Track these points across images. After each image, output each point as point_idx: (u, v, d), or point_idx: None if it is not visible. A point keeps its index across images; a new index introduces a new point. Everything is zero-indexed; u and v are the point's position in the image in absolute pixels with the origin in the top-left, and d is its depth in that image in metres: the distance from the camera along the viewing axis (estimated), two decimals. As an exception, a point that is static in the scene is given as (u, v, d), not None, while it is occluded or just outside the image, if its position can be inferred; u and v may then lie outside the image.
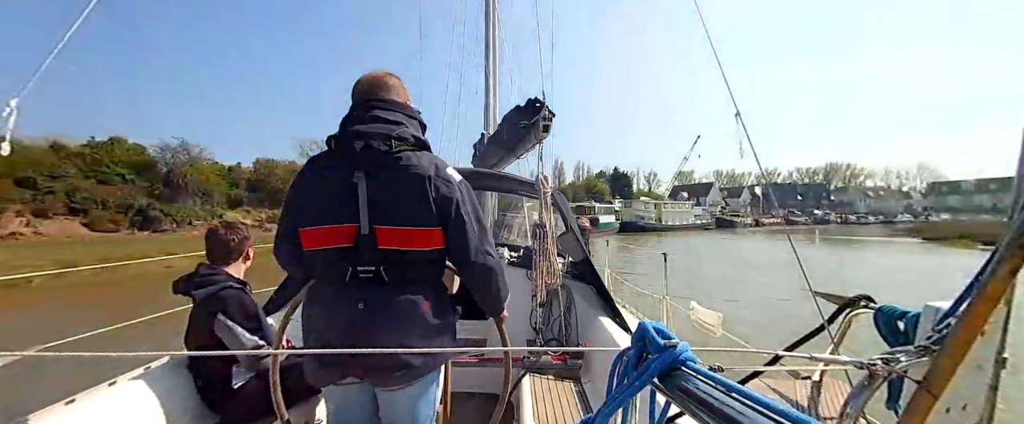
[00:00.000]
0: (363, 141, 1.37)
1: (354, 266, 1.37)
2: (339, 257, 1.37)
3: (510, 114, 3.91)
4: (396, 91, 1.51)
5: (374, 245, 1.36)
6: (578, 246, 3.47)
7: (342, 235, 1.37)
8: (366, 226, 1.35)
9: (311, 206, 1.41)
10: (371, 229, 1.36)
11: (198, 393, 2.05)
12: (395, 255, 1.37)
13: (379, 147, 1.37)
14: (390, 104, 1.47)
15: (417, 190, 1.37)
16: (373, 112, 1.43)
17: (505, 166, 5.34)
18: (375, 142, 1.37)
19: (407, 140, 1.41)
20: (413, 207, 1.37)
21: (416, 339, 1.39)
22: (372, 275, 1.37)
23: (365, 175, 1.36)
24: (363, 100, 1.46)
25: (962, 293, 0.67)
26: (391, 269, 1.37)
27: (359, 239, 1.36)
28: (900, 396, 0.84)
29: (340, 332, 1.36)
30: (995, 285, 0.59)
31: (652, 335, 0.85)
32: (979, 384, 0.66)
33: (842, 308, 2.23)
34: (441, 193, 1.39)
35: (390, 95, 1.49)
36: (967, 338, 0.61)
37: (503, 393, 1.69)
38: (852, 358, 0.72)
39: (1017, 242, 0.58)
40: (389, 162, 1.38)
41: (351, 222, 1.36)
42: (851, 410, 0.63)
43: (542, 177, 3.01)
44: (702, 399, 0.70)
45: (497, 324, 1.71)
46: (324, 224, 1.38)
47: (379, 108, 1.45)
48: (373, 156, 1.37)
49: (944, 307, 0.72)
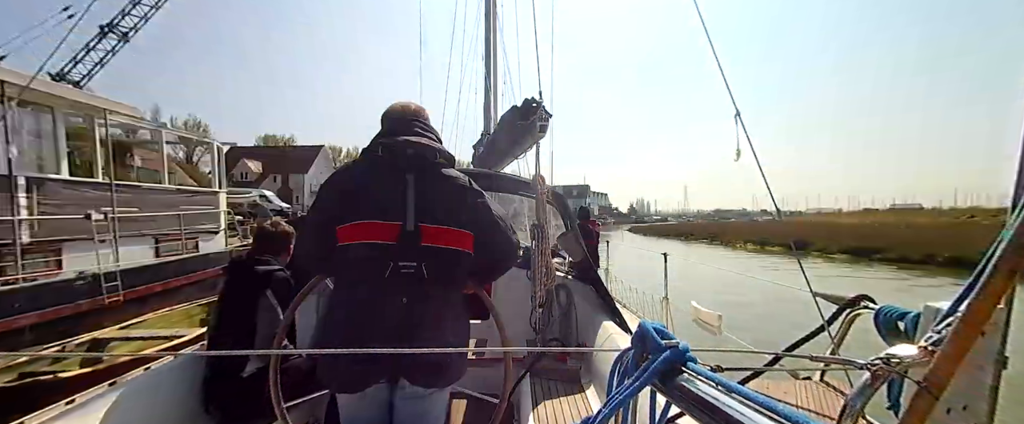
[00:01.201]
0: (413, 149, 1.50)
1: (395, 261, 1.41)
2: (382, 252, 1.42)
3: (507, 115, 3.92)
4: (428, 118, 1.67)
5: (417, 241, 1.43)
6: (578, 246, 3.47)
7: (387, 231, 1.42)
8: (412, 222, 1.43)
9: (357, 202, 1.46)
10: (416, 225, 1.43)
11: (201, 392, 2.05)
12: (435, 253, 1.44)
13: (426, 157, 1.52)
14: (428, 127, 1.62)
15: (456, 197, 1.51)
16: (416, 130, 1.57)
17: (505, 166, 5.34)
18: (424, 150, 1.52)
19: (445, 156, 1.57)
20: (453, 211, 1.49)
21: (452, 337, 1.47)
22: (413, 271, 1.42)
23: (413, 176, 1.47)
24: (404, 119, 1.60)
25: (962, 293, 0.67)
26: (430, 266, 1.43)
27: (403, 235, 1.42)
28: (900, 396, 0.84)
29: (383, 327, 1.39)
30: (995, 285, 0.59)
31: (652, 335, 0.85)
32: (979, 384, 0.66)
33: (842, 308, 2.24)
34: (475, 203, 1.54)
35: (423, 118, 1.64)
36: (967, 338, 0.60)
37: (503, 394, 1.69)
38: (852, 358, 0.72)
39: (1017, 242, 0.58)
40: (434, 170, 1.52)
41: (397, 220, 1.43)
42: (851, 410, 0.63)
43: (539, 177, 3.01)
44: (702, 399, 0.70)
45: (497, 324, 1.71)
46: (372, 218, 1.43)
47: (420, 128, 1.58)
48: (421, 163, 1.50)
49: (944, 307, 0.72)
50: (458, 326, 1.54)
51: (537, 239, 2.92)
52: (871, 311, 1.67)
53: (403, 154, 1.49)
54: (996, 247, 0.61)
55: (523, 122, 3.44)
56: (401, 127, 1.57)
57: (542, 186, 2.97)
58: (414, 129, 1.57)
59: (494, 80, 6.76)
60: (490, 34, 6.82)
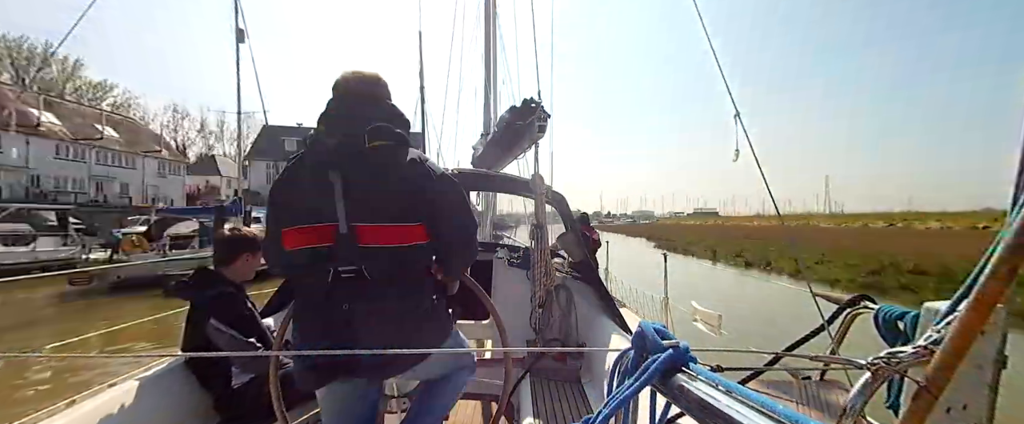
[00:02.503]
0: (336, 138, 1.35)
1: (335, 267, 1.34)
2: (321, 257, 1.34)
3: (506, 115, 3.92)
4: (374, 86, 1.47)
5: (354, 244, 1.32)
6: (577, 246, 3.47)
7: (321, 234, 1.34)
8: (344, 225, 1.32)
9: (290, 206, 1.41)
10: (350, 227, 1.32)
11: (200, 393, 2.05)
12: (377, 253, 1.33)
13: (354, 142, 1.34)
14: (366, 99, 1.43)
15: (396, 185, 1.36)
16: (348, 109, 1.40)
17: (504, 166, 5.34)
18: (348, 139, 1.35)
19: (383, 135, 1.36)
20: (392, 203, 1.35)
21: (402, 334, 1.37)
22: (354, 274, 1.33)
23: (340, 172, 1.33)
24: (339, 96, 1.43)
25: (962, 293, 0.67)
26: (374, 267, 1.34)
27: (338, 238, 1.32)
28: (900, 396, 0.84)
29: (325, 334, 1.35)
30: (995, 285, 0.59)
31: (652, 335, 0.85)
32: (979, 384, 0.66)
33: (842, 308, 2.24)
34: (421, 187, 1.37)
35: (368, 91, 1.45)
36: (967, 338, 0.60)
37: (503, 394, 1.69)
38: (852, 358, 0.72)
39: (1016, 242, 0.58)
40: (365, 158, 1.34)
41: (330, 221, 1.33)
42: (851, 410, 0.62)
43: (538, 176, 3.01)
44: (702, 400, 0.70)
45: (497, 324, 1.71)
46: (303, 224, 1.36)
47: (355, 103, 1.41)
48: (348, 152, 1.34)
49: (944, 307, 0.72)
50: (413, 319, 1.40)
51: (537, 239, 2.92)
52: (871, 311, 1.67)
53: (323, 148, 1.36)
54: (995, 247, 0.61)
55: (522, 122, 3.44)
56: (334, 109, 1.42)
57: (541, 186, 2.97)
58: (348, 105, 1.41)
59: (494, 80, 6.76)
60: (490, 34, 6.82)
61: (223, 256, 2.17)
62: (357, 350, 1.29)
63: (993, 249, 0.62)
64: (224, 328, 1.96)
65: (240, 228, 2.29)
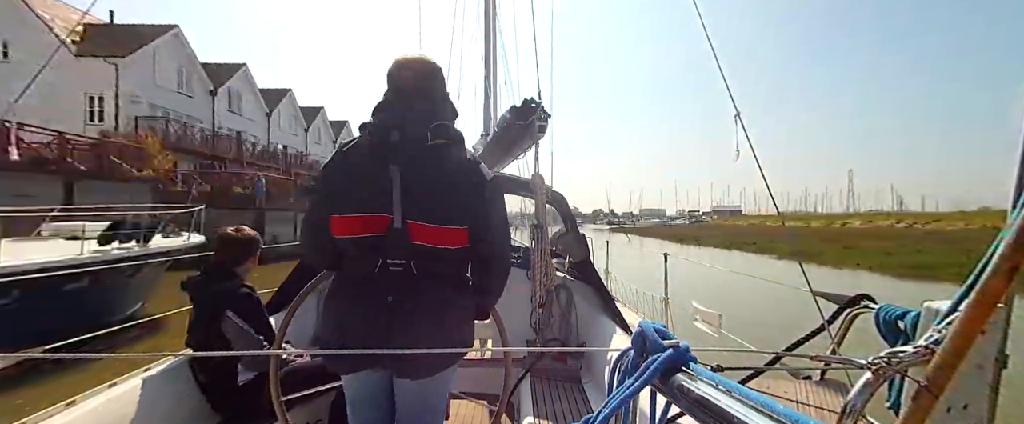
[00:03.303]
0: (399, 132, 1.35)
1: (384, 258, 1.36)
2: (371, 247, 1.36)
3: (506, 115, 3.91)
4: (433, 76, 1.46)
5: (406, 239, 1.34)
6: (578, 246, 3.46)
7: (375, 225, 1.35)
8: (399, 220, 1.34)
9: (345, 194, 1.39)
10: (404, 223, 1.34)
11: (200, 393, 2.05)
12: (425, 251, 1.36)
13: (416, 140, 1.35)
14: (427, 91, 1.43)
15: (451, 187, 1.37)
16: (409, 100, 1.40)
17: (504, 167, 5.34)
18: (412, 133, 1.35)
19: (444, 134, 1.38)
20: (446, 205, 1.37)
21: (441, 333, 1.39)
22: (402, 268, 1.36)
23: (400, 167, 1.34)
24: (398, 85, 1.42)
25: (962, 292, 0.67)
26: (421, 264, 1.36)
27: (391, 232, 1.34)
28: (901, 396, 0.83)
29: (367, 323, 1.37)
30: (995, 284, 0.59)
31: (652, 335, 0.85)
32: (980, 384, 0.66)
33: (842, 308, 2.24)
34: (475, 192, 1.40)
35: (427, 81, 1.44)
36: (967, 337, 0.60)
37: (503, 394, 1.68)
38: (852, 358, 0.72)
39: (1017, 241, 0.58)
40: (425, 155, 1.36)
41: (384, 213, 1.34)
42: (851, 410, 0.62)
43: (538, 176, 3.01)
44: (702, 400, 0.70)
45: (497, 324, 1.71)
46: (358, 212, 1.36)
47: (417, 97, 1.41)
48: (409, 148, 1.35)
49: (944, 307, 0.72)
50: (451, 319, 1.44)
51: (537, 239, 2.92)
52: (871, 311, 1.67)
53: (387, 139, 1.35)
54: (996, 246, 0.61)
55: (522, 122, 3.44)
56: (395, 98, 1.41)
57: (541, 186, 2.97)
58: (410, 98, 1.40)
59: (494, 80, 6.76)
60: (490, 34, 6.81)
61: (235, 255, 2.21)
62: (390, 347, 1.30)
63: (994, 248, 0.62)
64: (239, 321, 2.01)
65: (244, 229, 2.30)
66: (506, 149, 4.57)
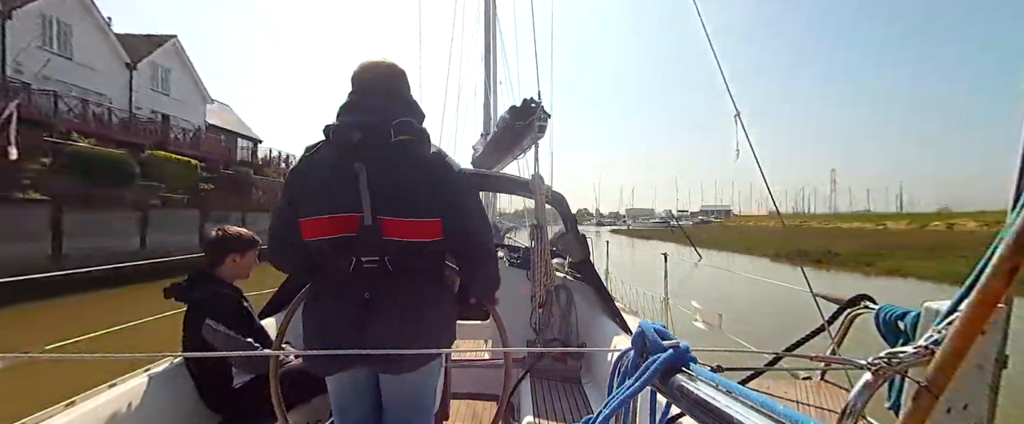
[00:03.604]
0: (361, 131, 1.36)
1: (358, 256, 1.36)
2: (343, 247, 1.37)
3: (506, 115, 3.91)
4: (395, 78, 1.49)
5: (378, 235, 1.35)
6: (578, 246, 3.46)
7: (345, 225, 1.36)
8: (369, 216, 1.34)
9: (312, 196, 1.40)
10: (374, 219, 1.34)
11: (199, 394, 2.05)
12: (398, 246, 1.36)
13: (378, 137, 1.36)
14: (390, 92, 1.46)
15: (418, 181, 1.38)
16: (371, 100, 1.42)
17: (503, 167, 5.34)
18: (374, 132, 1.36)
19: (407, 130, 1.39)
20: (415, 198, 1.37)
21: (420, 328, 1.40)
22: (376, 265, 1.37)
23: (365, 165, 1.35)
24: (362, 88, 1.45)
25: (962, 292, 0.67)
26: (395, 259, 1.37)
27: (362, 229, 1.35)
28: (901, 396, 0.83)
29: (345, 322, 1.37)
30: (995, 284, 0.59)
31: (652, 335, 0.85)
32: (980, 384, 0.66)
33: (842, 308, 2.24)
34: (442, 183, 1.40)
35: (389, 82, 1.47)
36: (967, 338, 0.60)
37: (503, 394, 1.69)
38: (852, 358, 0.72)
39: (1017, 241, 0.58)
40: (389, 152, 1.37)
41: (354, 211, 1.35)
42: (851, 410, 0.62)
43: (538, 176, 3.01)
44: (702, 400, 0.70)
45: (497, 324, 1.71)
46: (326, 214, 1.37)
47: (378, 96, 1.43)
48: (372, 146, 1.36)
49: (944, 307, 0.72)
50: (430, 313, 1.44)
51: (536, 239, 2.92)
52: (871, 311, 1.67)
53: (348, 140, 1.36)
54: (996, 246, 0.61)
55: (522, 122, 3.44)
56: (357, 99, 1.43)
57: (541, 186, 2.97)
58: (371, 98, 1.42)
59: (494, 80, 6.77)
60: (490, 34, 6.82)
61: (210, 258, 2.17)
62: (363, 347, 1.31)
63: (994, 248, 0.62)
64: (222, 328, 1.97)
65: (226, 228, 2.27)
66: (506, 149, 4.57)
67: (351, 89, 1.46)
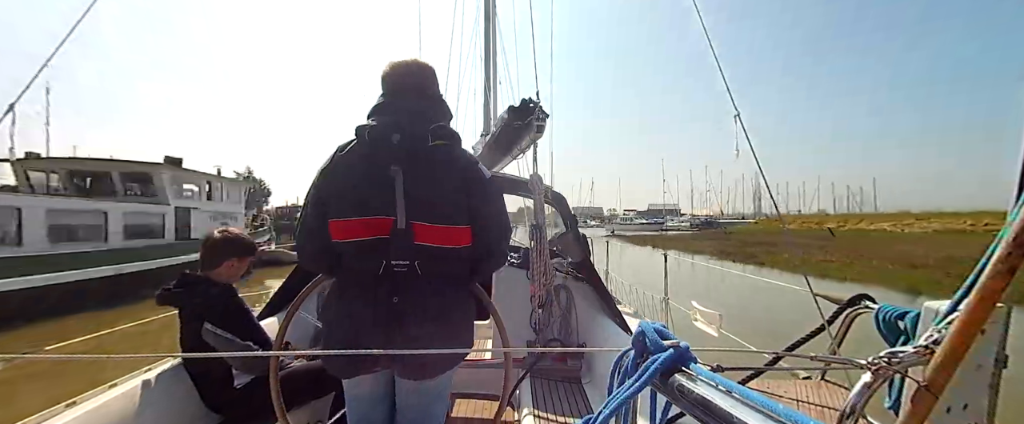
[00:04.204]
0: (400, 133, 1.36)
1: (389, 259, 1.35)
2: (374, 249, 1.35)
3: (504, 114, 3.91)
4: (427, 78, 1.49)
5: (410, 240, 1.34)
6: (577, 246, 3.46)
7: (377, 227, 1.35)
8: (403, 220, 1.34)
9: (344, 197, 1.38)
10: (408, 224, 1.34)
11: (199, 395, 2.05)
12: (430, 251, 1.36)
13: (417, 140, 1.36)
14: (422, 92, 1.45)
15: (453, 187, 1.39)
16: (405, 102, 1.42)
17: (502, 167, 5.34)
18: (412, 135, 1.36)
19: (443, 135, 1.40)
20: (449, 204, 1.38)
21: (446, 333, 1.39)
22: (407, 269, 1.35)
23: (401, 168, 1.34)
24: (394, 88, 1.44)
25: (962, 292, 0.67)
26: (425, 264, 1.36)
27: (395, 233, 1.34)
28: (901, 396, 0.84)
29: (374, 324, 1.35)
30: (995, 284, 0.59)
31: (652, 335, 0.85)
32: (979, 384, 0.66)
33: (842, 308, 2.24)
34: (475, 191, 1.41)
35: (422, 83, 1.47)
36: (967, 337, 0.60)
37: (503, 394, 1.69)
38: (852, 358, 0.72)
39: (1017, 240, 0.58)
40: (426, 156, 1.37)
41: (387, 215, 1.34)
42: (852, 410, 0.62)
43: (537, 176, 3.01)
44: (703, 400, 0.70)
45: (497, 324, 1.71)
46: (359, 216, 1.35)
47: (415, 98, 1.43)
48: (410, 149, 1.36)
49: (944, 307, 0.72)
50: (456, 319, 1.45)
51: (536, 239, 2.92)
52: (871, 311, 1.67)
53: (387, 141, 1.35)
54: (996, 245, 0.61)
55: (520, 122, 3.43)
56: (392, 101, 1.42)
57: (540, 186, 2.97)
58: (408, 101, 1.42)
59: (493, 80, 6.76)
60: (489, 34, 6.82)
61: (208, 260, 2.14)
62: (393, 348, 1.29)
63: (993, 248, 0.62)
64: (220, 331, 1.95)
65: (229, 230, 2.24)
66: (504, 149, 4.57)
67: (383, 90, 1.45)
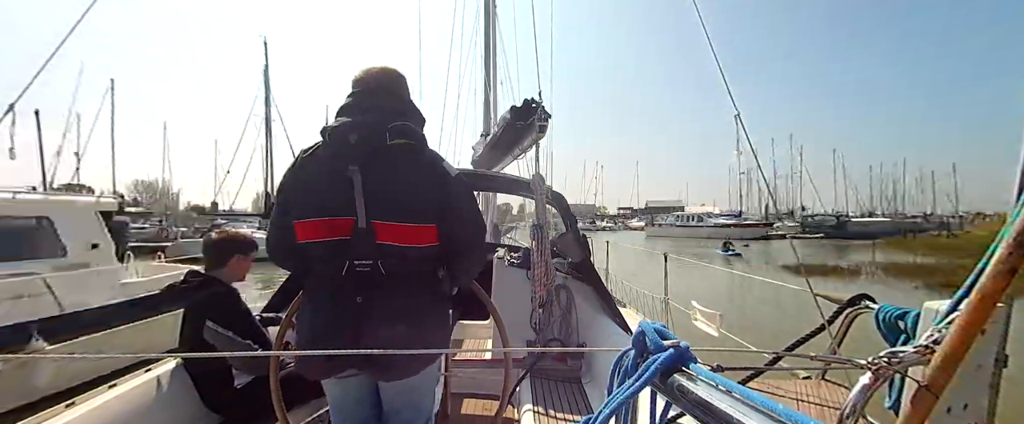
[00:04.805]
0: (358, 133, 1.35)
1: (351, 260, 1.34)
2: (336, 250, 1.34)
3: (507, 115, 3.91)
4: (394, 82, 1.49)
5: (372, 239, 1.33)
6: (577, 246, 3.46)
7: (339, 228, 1.34)
8: (363, 220, 1.32)
9: (306, 198, 1.38)
10: (368, 223, 1.32)
11: (199, 395, 2.05)
12: (393, 250, 1.34)
13: (374, 140, 1.35)
14: (387, 96, 1.45)
15: (414, 186, 1.37)
16: (369, 103, 1.41)
17: (504, 167, 5.34)
18: (370, 134, 1.35)
19: (404, 133, 1.38)
20: (410, 203, 1.36)
21: (413, 334, 1.37)
22: (370, 269, 1.34)
23: (360, 168, 1.33)
24: (360, 91, 1.44)
25: (962, 292, 0.67)
26: (388, 263, 1.35)
27: (356, 232, 1.32)
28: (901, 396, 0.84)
29: (337, 325, 1.35)
30: (995, 284, 0.59)
31: (652, 335, 0.84)
32: (979, 383, 0.66)
33: (842, 308, 2.24)
34: (438, 188, 1.39)
35: (388, 86, 1.47)
36: (967, 337, 0.60)
37: (503, 394, 1.69)
38: (852, 358, 0.72)
39: (1018, 240, 0.58)
40: (385, 156, 1.36)
41: (348, 215, 1.33)
42: (852, 410, 0.62)
43: (538, 177, 3.01)
44: (702, 400, 0.70)
45: (497, 324, 1.71)
46: (320, 216, 1.35)
47: (376, 99, 1.43)
48: (368, 149, 1.35)
49: (945, 307, 0.72)
50: (425, 319, 1.43)
51: (537, 239, 2.92)
52: (871, 310, 1.67)
53: (345, 142, 1.34)
54: (997, 245, 0.61)
55: (523, 122, 3.44)
56: (354, 102, 1.42)
57: (542, 186, 2.97)
58: (368, 101, 1.41)
59: (493, 80, 6.77)
60: (490, 34, 6.82)
61: (213, 259, 2.17)
62: (361, 349, 1.28)
63: (994, 248, 0.62)
64: (221, 330, 1.97)
65: (229, 230, 2.28)
66: (506, 149, 4.57)
67: (350, 92, 1.45)
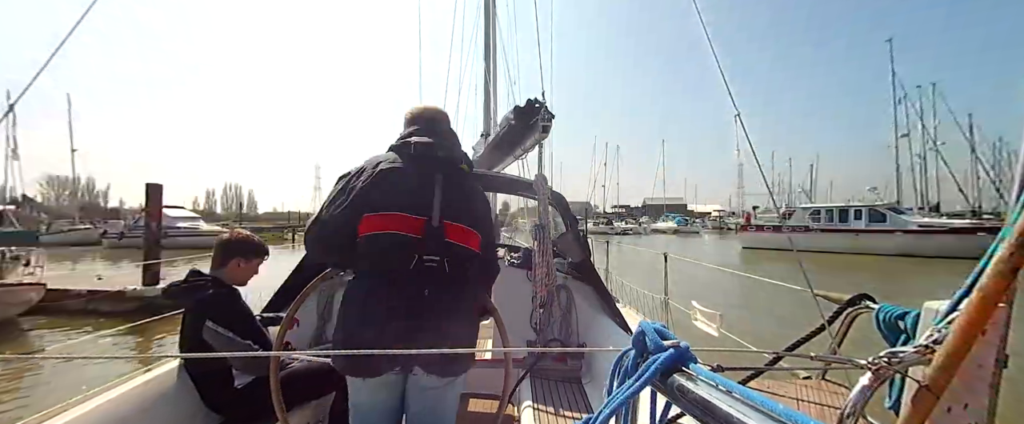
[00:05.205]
0: (444, 151, 1.62)
1: (421, 255, 1.47)
2: (404, 244, 1.47)
3: (509, 115, 3.91)
4: (447, 120, 1.79)
5: (441, 237, 1.50)
6: (578, 246, 3.46)
7: (411, 225, 1.48)
8: (437, 219, 1.50)
9: (387, 194, 1.50)
10: (441, 222, 1.50)
11: (199, 395, 2.05)
12: (457, 249, 1.52)
13: (454, 160, 1.64)
14: (446, 127, 1.76)
15: (471, 200, 1.62)
16: (442, 135, 1.68)
17: (505, 167, 5.34)
18: (450, 154, 1.64)
19: (466, 161, 1.69)
20: (469, 213, 1.59)
21: (467, 330, 1.56)
22: (436, 264, 1.48)
23: (442, 177, 1.56)
24: (434, 121, 1.73)
25: (962, 292, 0.67)
26: (451, 262, 1.50)
27: (429, 230, 1.49)
28: (901, 396, 0.83)
29: (402, 316, 1.42)
30: (995, 284, 0.59)
31: (652, 335, 0.84)
32: (980, 383, 0.66)
33: (842, 308, 2.24)
34: (483, 208, 1.69)
35: (444, 121, 1.77)
36: (968, 337, 0.60)
37: (503, 394, 1.69)
38: (852, 358, 0.72)
39: (1018, 240, 0.58)
40: (459, 172, 1.63)
41: (423, 214, 1.50)
42: (852, 410, 0.62)
43: (541, 177, 3.01)
44: (703, 400, 0.70)
45: (498, 324, 1.71)
46: (400, 211, 1.48)
47: (439, 129, 1.70)
48: (448, 165, 1.61)
49: (945, 306, 0.72)
50: (471, 319, 1.63)
51: (538, 239, 2.92)
52: (871, 310, 1.67)
53: (434, 154, 1.58)
54: (997, 245, 0.61)
55: (525, 123, 3.43)
56: (431, 128, 1.68)
57: (544, 187, 2.97)
58: (441, 134, 1.69)
59: (494, 80, 6.77)
60: (490, 34, 6.82)
61: (216, 259, 2.18)
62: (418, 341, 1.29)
63: (994, 248, 0.62)
64: (221, 330, 1.97)
65: (237, 231, 2.28)
66: (507, 150, 4.57)
67: (414, 122, 1.70)
